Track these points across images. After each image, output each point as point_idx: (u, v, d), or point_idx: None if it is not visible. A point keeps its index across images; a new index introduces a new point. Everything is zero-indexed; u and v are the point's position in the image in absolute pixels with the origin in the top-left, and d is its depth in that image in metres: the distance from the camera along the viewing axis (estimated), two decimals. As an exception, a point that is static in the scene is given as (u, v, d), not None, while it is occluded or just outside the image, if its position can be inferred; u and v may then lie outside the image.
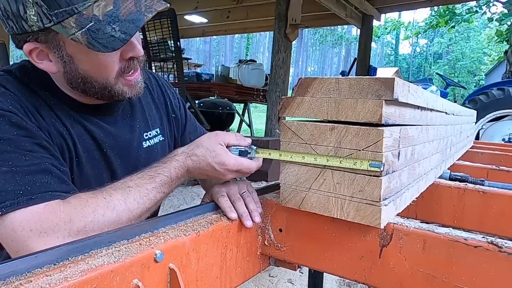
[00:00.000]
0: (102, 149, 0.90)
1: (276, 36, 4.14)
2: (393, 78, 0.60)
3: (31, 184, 0.67)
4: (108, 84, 0.82)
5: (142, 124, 1.02)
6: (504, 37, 13.29)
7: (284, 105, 0.71)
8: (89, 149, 0.87)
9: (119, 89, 0.84)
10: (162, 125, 1.09)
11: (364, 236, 0.65)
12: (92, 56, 0.76)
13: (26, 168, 0.68)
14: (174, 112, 1.14)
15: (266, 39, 50.71)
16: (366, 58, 5.80)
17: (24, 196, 0.65)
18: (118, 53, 0.79)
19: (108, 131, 0.92)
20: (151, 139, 1.03)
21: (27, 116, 0.75)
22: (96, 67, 0.79)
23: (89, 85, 0.81)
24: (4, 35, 3.59)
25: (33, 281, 0.44)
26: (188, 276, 0.61)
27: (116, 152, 0.93)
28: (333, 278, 2.35)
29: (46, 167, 0.71)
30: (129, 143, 0.96)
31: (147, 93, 1.07)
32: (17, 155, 0.68)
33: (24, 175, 0.67)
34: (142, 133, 1.01)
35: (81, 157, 0.85)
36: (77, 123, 0.86)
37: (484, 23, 31.96)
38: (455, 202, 1.01)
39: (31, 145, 0.71)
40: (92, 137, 0.88)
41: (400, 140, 0.68)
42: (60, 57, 0.77)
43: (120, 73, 0.83)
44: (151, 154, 1.01)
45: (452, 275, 0.57)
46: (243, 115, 7.07)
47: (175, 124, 1.15)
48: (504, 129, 5.31)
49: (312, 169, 0.67)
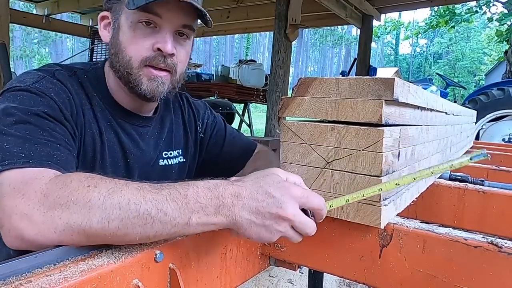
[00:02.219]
0: (127, 159, 0.96)
1: (276, 36, 4.14)
2: (393, 78, 0.60)
3: (36, 152, 0.68)
4: (130, 65, 0.87)
5: (165, 142, 1.06)
6: (504, 37, 13.28)
7: (284, 105, 0.71)
8: (115, 156, 0.93)
9: (137, 77, 0.88)
10: (186, 147, 1.12)
11: (364, 236, 0.65)
12: (131, 30, 0.86)
13: (38, 139, 0.71)
14: (204, 132, 1.17)
15: (266, 39, 50.72)
16: (366, 58, 5.79)
17: (24, 159, 0.66)
18: (151, 40, 0.86)
19: (137, 143, 0.98)
20: (170, 159, 1.07)
21: (67, 108, 0.81)
22: (129, 39, 0.86)
23: (117, 59, 0.88)
24: (4, 35, 3.59)
25: (33, 281, 0.44)
26: (188, 276, 0.61)
27: (138, 164, 0.98)
28: (333, 278, 2.36)
29: (57, 146, 0.73)
30: (150, 159, 1.01)
31: (179, 114, 1.12)
32: (36, 128, 0.72)
33: (33, 144, 0.69)
34: (162, 151, 1.05)
35: (105, 160, 0.90)
36: (112, 129, 0.93)
37: (484, 23, 31.96)
38: (455, 202, 1.01)
39: (53, 127, 0.75)
40: (121, 146, 0.94)
41: (400, 140, 0.68)
42: (114, 27, 0.89)
43: (146, 62, 0.87)
44: (166, 173, 1.05)
45: (452, 275, 0.57)
46: (243, 115, 7.07)
47: (201, 145, 1.17)
48: (504, 129, 5.30)
49: (312, 169, 0.67)
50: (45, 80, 0.82)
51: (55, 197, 0.57)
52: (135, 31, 0.85)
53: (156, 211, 0.53)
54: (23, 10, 8.71)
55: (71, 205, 0.55)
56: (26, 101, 0.75)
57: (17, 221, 0.58)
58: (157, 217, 0.53)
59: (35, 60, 35.82)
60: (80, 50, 13.90)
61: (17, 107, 0.74)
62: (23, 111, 0.73)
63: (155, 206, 0.53)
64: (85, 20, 6.82)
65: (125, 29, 0.87)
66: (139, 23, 0.85)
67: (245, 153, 1.18)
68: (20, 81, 0.80)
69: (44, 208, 0.57)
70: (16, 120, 0.72)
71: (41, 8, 6.13)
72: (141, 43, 0.86)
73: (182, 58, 0.92)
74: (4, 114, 0.73)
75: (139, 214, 0.53)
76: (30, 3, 6.49)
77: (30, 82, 0.79)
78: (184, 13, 0.86)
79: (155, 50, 0.86)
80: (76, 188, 0.57)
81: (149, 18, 0.84)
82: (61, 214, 0.56)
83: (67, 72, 0.88)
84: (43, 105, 0.76)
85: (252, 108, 7.18)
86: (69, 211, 0.55)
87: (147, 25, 0.85)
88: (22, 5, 10.94)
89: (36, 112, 0.74)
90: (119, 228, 0.53)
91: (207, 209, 0.53)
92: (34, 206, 0.58)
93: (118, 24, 0.88)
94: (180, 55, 0.91)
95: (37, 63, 34.33)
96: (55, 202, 0.57)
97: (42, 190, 0.59)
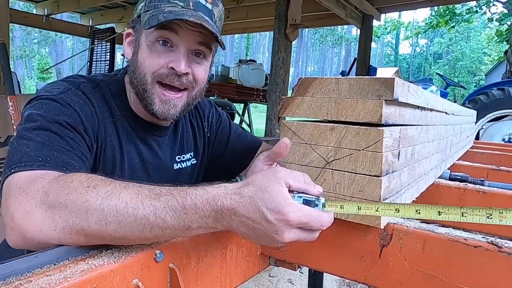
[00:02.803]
0: (147, 169, 0.99)
1: (276, 36, 4.14)
2: (393, 78, 0.60)
3: (53, 158, 0.69)
4: (145, 81, 0.89)
5: (179, 148, 1.09)
6: (504, 37, 13.28)
7: (284, 105, 0.71)
8: (134, 167, 0.96)
9: (151, 94, 0.90)
10: (196, 148, 1.15)
11: (364, 236, 0.65)
12: (148, 48, 0.89)
13: (57, 147, 0.72)
14: (210, 131, 1.19)
15: (266, 39, 50.71)
16: (366, 58, 5.79)
17: (40, 162, 0.67)
18: (166, 59, 0.88)
19: (155, 153, 1.01)
20: (184, 162, 1.10)
21: (88, 121, 0.84)
22: (146, 57, 0.89)
23: (134, 75, 0.91)
24: (4, 35, 3.58)
25: (33, 281, 0.44)
26: (188, 276, 0.61)
27: (157, 173, 1.01)
28: (333, 278, 2.36)
29: (73, 156, 0.74)
30: (168, 166, 1.05)
31: (187, 117, 1.14)
32: (56, 136, 0.74)
33: (51, 150, 0.71)
34: (176, 155, 1.08)
35: (124, 171, 0.93)
36: (131, 142, 0.96)
37: (484, 23, 31.96)
38: (455, 202, 1.01)
39: (73, 137, 0.78)
40: (141, 157, 0.98)
41: (400, 140, 0.68)
42: (135, 45, 0.93)
43: (159, 78, 0.89)
44: (180, 176, 1.08)
45: (452, 275, 0.57)
46: (243, 115, 7.07)
47: (208, 144, 1.18)
48: (504, 129, 5.30)
49: (312, 169, 0.67)
50: (70, 92, 0.84)
51: (55, 196, 0.57)
52: (152, 49, 0.88)
53: (154, 217, 0.53)
54: (23, 10, 8.71)
55: (70, 204, 0.56)
56: (50, 110, 0.78)
57: (19, 219, 0.58)
58: (156, 223, 0.53)
59: (35, 60, 35.83)
60: (80, 50, 13.90)
61: (42, 114, 0.76)
62: (46, 118, 0.75)
63: (153, 212, 0.53)
64: (85, 20, 6.82)
65: (143, 48, 0.90)
66: (156, 42, 0.88)
67: (250, 151, 1.18)
68: (47, 91, 0.83)
69: (45, 206, 0.58)
70: (38, 126, 0.74)
71: (41, 8, 6.13)
72: (156, 60, 0.88)
73: (199, 77, 0.93)
74: (28, 120, 0.75)
75: (136, 218, 0.53)
76: (30, 3, 6.49)
77: (57, 92, 0.82)
78: (200, 33, 0.88)
79: (169, 69, 0.88)
80: (76, 188, 0.57)
81: (165, 36, 0.87)
82: (60, 213, 0.56)
83: (91, 84, 0.91)
84: (66, 115, 0.79)
85: (252, 108, 7.18)
86: (67, 210, 0.56)
87: (164, 45, 0.88)
88: (22, 5, 10.95)
89: (58, 121, 0.76)
90: (117, 230, 0.53)
91: (206, 219, 0.53)
92: (36, 204, 0.58)
93: (138, 42, 0.92)
94: (197, 73, 0.92)
95: (37, 63, 34.33)
96: (55, 200, 0.57)
97: (44, 188, 0.60)
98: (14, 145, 0.71)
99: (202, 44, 0.90)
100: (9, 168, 0.66)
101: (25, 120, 0.76)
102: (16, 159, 0.67)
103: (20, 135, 0.73)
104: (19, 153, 0.68)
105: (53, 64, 28.12)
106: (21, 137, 0.72)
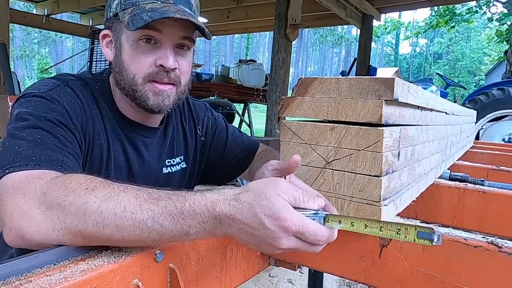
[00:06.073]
0: (131, 169, 0.97)
1: (276, 36, 4.14)
2: (393, 78, 0.60)
3: (47, 157, 0.69)
4: (134, 82, 0.88)
5: (168, 151, 1.07)
6: (504, 37, 13.28)
7: (284, 105, 0.71)
8: (119, 166, 0.95)
9: (143, 93, 0.89)
10: (187, 152, 1.12)
11: (364, 236, 0.65)
12: (132, 48, 0.87)
13: (49, 145, 0.72)
14: (205, 135, 1.17)
15: (266, 39, 50.70)
16: (366, 58, 5.80)
17: (34, 162, 0.67)
18: (152, 57, 0.87)
19: (141, 154, 0.99)
20: (173, 166, 1.08)
21: (77, 118, 0.83)
22: (131, 58, 0.88)
23: (121, 77, 0.90)
24: (4, 35, 3.59)
25: (33, 281, 0.44)
26: (188, 276, 0.61)
27: (142, 175, 0.99)
28: (333, 278, 2.36)
29: (66, 154, 0.74)
30: (154, 169, 1.03)
31: (179, 120, 1.12)
32: (48, 134, 0.74)
33: (44, 149, 0.70)
34: (165, 159, 1.06)
35: (110, 170, 0.92)
36: (119, 140, 0.95)
37: (484, 23, 31.94)
38: (455, 202, 1.01)
39: (64, 134, 0.77)
40: (126, 156, 0.96)
41: (400, 140, 0.68)
42: (116, 46, 0.91)
43: (150, 78, 0.88)
44: (170, 180, 1.06)
45: (452, 275, 0.57)
46: (243, 115, 7.07)
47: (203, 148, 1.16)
48: (504, 129, 5.30)
49: (312, 169, 0.67)
50: (59, 89, 0.83)
51: (53, 196, 0.57)
52: (137, 49, 0.87)
53: (152, 222, 0.52)
54: (23, 10, 8.71)
55: (68, 206, 0.55)
56: (39, 107, 0.77)
57: (17, 220, 0.58)
58: (154, 227, 0.53)
59: (35, 60, 35.81)
60: (80, 50, 13.90)
61: (31, 112, 0.75)
62: (36, 116, 0.75)
63: (151, 217, 0.52)
64: (85, 20, 6.82)
65: (126, 48, 0.88)
66: (139, 41, 0.86)
67: (248, 154, 1.17)
68: (35, 88, 0.82)
69: (43, 207, 0.57)
70: (29, 125, 0.73)
71: (41, 8, 6.14)
72: (143, 60, 0.87)
73: (184, 70, 0.93)
74: (18, 118, 0.75)
75: (134, 222, 0.52)
76: (30, 3, 6.49)
77: (45, 89, 0.81)
78: (182, 27, 0.87)
79: (158, 66, 0.87)
80: (74, 189, 0.57)
81: (149, 34, 0.86)
82: (58, 214, 0.56)
83: (80, 82, 0.91)
84: (56, 112, 0.78)
85: (252, 108, 7.18)
86: (66, 212, 0.55)
87: (148, 42, 0.87)
88: (22, 5, 10.94)
89: (48, 118, 0.75)
90: (114, 233, 0.53)
91: (204, 224, 0.53)
92: (34, 204, 0.58)
93: (119, 43, 0.90)
94: (183, 66, 0.92)
95: (37, 63, 34.32)
96: (53, 201, 0.57)
97: (42, 189, 0.59)
98: (5, 145, 0.70)
99: (186, 38, 0.90)
100: (3, 169, 0.65)
101: (14, 119, 0.75)
102: (9, 159, 0.66)
103: (11, 134, 0.72)
104: (12, 153, 0.68)
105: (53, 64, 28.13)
106: (12, 137, 0.71)
